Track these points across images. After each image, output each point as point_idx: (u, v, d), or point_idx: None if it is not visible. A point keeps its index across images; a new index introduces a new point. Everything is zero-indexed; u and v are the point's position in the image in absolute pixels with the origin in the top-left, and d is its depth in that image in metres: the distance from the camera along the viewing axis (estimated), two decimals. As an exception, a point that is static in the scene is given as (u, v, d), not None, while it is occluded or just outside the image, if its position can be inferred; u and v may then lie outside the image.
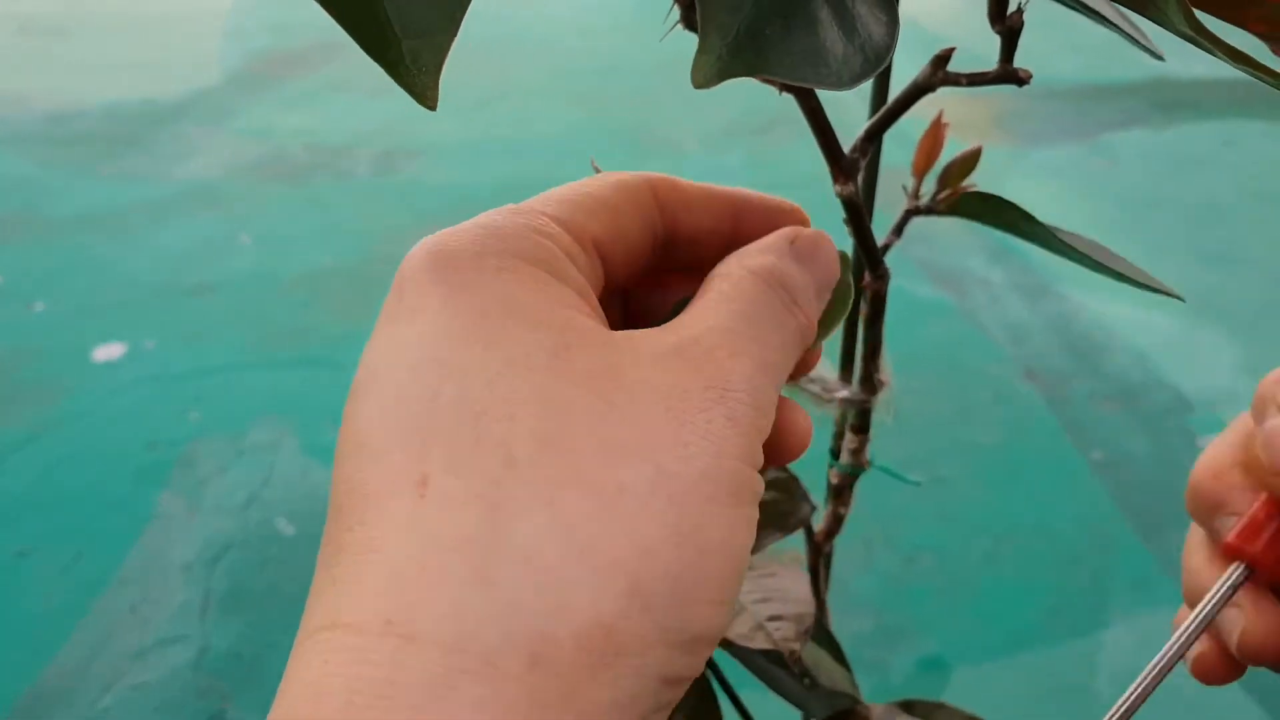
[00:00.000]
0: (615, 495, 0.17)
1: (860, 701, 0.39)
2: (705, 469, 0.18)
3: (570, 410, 0.18)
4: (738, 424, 0.19)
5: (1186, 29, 0.20)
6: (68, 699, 1.03)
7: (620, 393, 0.18)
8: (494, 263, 0.20)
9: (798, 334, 0.22)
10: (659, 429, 0.18)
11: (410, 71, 0.17)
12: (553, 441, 0.18)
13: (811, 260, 0.23)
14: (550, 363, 0.18)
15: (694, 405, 0.19)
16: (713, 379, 0.19)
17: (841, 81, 0.19)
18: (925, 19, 2.87)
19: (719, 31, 0.18)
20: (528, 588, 0.16)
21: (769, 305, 0.21)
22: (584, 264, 0.22)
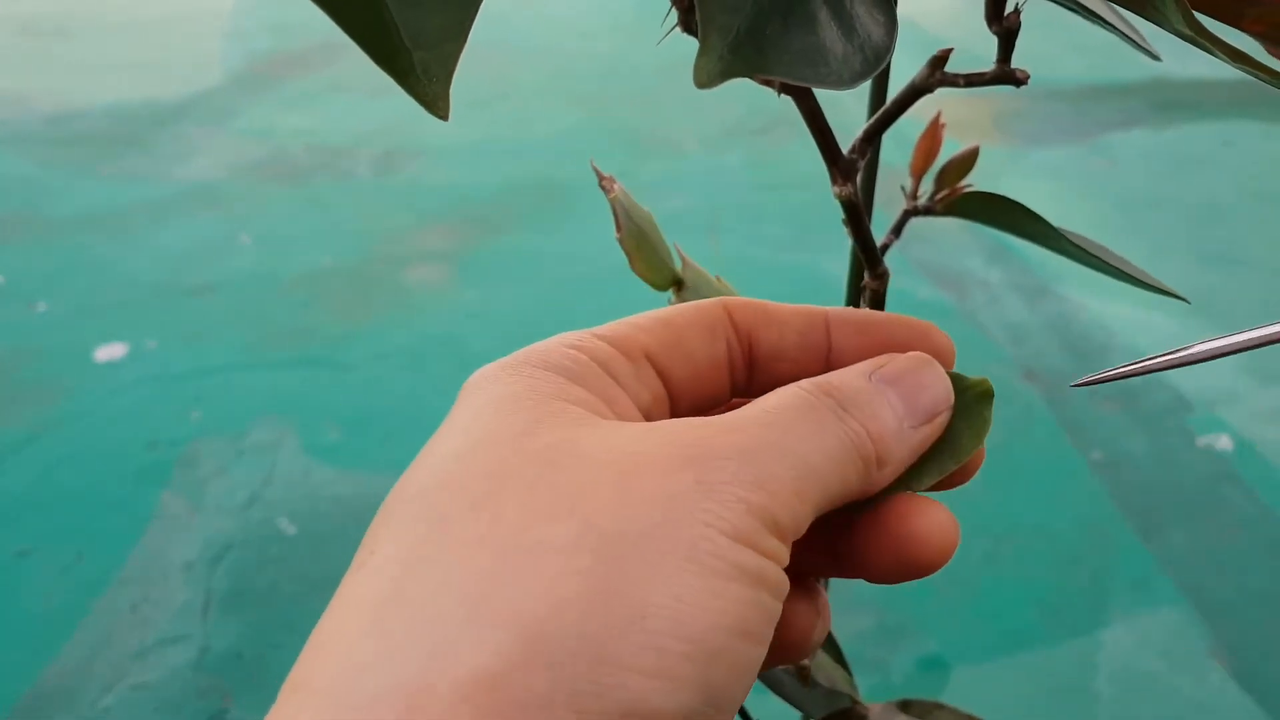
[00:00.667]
0: (528, 550, 0.17)
1: (858, 701, 0.39)
2: (650, 528, 0.17)
3: (511, 477, 0.18)
4: (715, 491, 0.18)
5: (1185, 29, 0.20)
6: (69, 699, 1.03)
7: (570, 459, 0.18)
8: (513, 372, 0.21)
9: (848, 445, 0.20)
10: (598, 489, 0.18)
11: (421, 81, 0.17)
12: (481, 505, 0.18)
13: (899, 384, 0.22)
14: (514, 440, 0.19)
15: (653, 469, 0.18)
16: (686, 445, 0.19)
17: (841, 81, 0.19)
18: (923, 19, 2.87)
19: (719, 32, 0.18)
20: (414, 639, 0.16)
21: (808, 409, 0.20)
22: (625, 371, 0.22)
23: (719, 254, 1.83)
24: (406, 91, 0.17)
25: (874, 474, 0.21)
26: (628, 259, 0.34)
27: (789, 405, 0.20)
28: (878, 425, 0.21)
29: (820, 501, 0.20)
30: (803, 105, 0.27)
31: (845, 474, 0.20)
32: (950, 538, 0.23)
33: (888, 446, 0.21)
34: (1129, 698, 1.05)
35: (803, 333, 0.24)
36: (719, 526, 0.18)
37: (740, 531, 0.18)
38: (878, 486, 0.22)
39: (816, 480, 0.20)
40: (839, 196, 0.30)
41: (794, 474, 0.19)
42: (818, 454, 0.20)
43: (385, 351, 1.56)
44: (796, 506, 0.19)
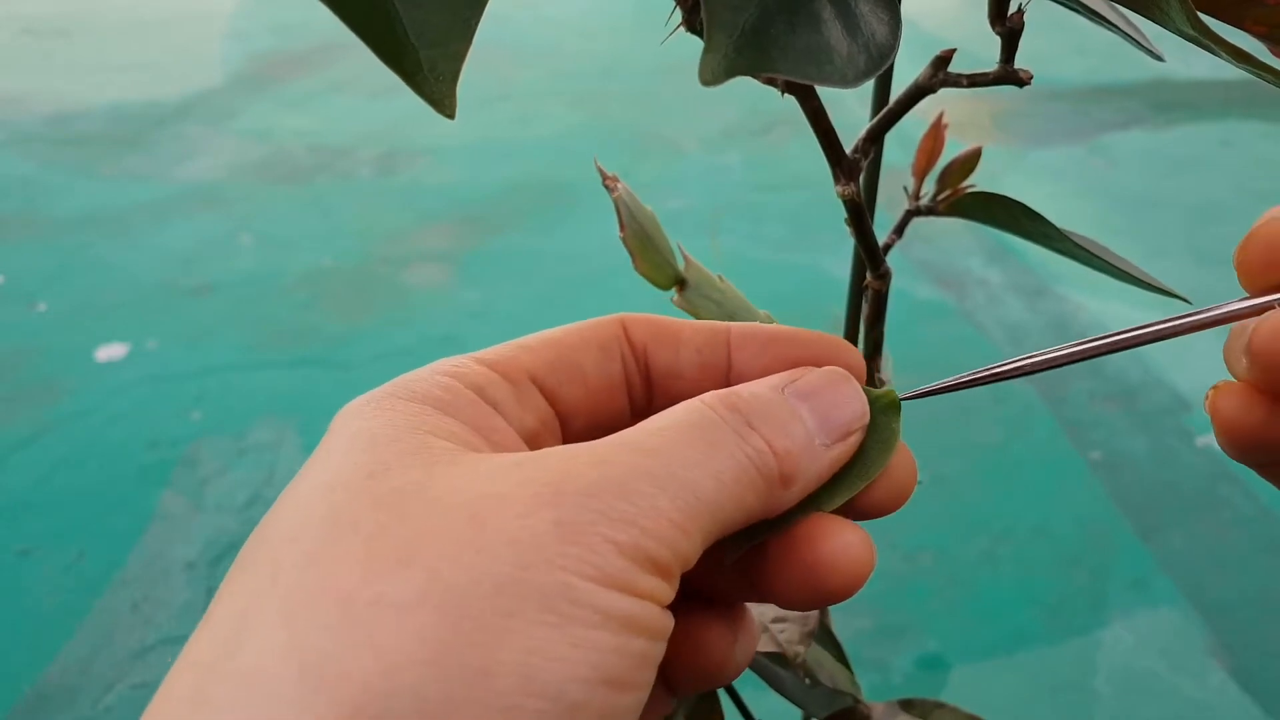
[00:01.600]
0: (364, 608, 0.16)
1: (861, 700, 0.39)
2: (503, 578, 0.16)
3: (352, 526, 0.17)
4: (576, 533, 0.17)
5: (1190, 30, 0.20)
6: (70, 698, 1.03)
7: (418, 503, 0.17)
8: (375, 406, 0.20)
9: (746, 464, 0.19)
10: (447, 536, 0.16)
11: (428, 80, 0.17)
12: (319, 557, 0.17)
13: (813, 398, 0.21)
14: (361, 483, 0.18)
15: (508, 511, 0.17)
16: (547, 482, 0.17)
17: (846, 80, 0.19)
18: (925, 20, 2.88)
19: (725, 30, 0.18)
20: (237, 706, 0.15)
21: (703, 427, 0.19)
22: (505, 396, 0.21)
23: (719, 254, 1.83)
24: (414, 90, 0.17)
25: (778, 493, 0.20)
26: (631, 258, 0.34)
27: (679, 424, 0.19)
28: (786, 441, 0.20)
29: (711, 530, 0.18)
30: (806, 105, 0.27)
31: (742, 497, 0.19)
32: (862, 562, 0.21)
33: (796, 464, 0.20)
34: (1128, 697, 1.05)
35: (701, 349, 0.23)
36: (580, 571, 0.16)
37: (607, 575, 0.17)
38: (783, 506, 0.20)
39: (705, 508, 0.18)
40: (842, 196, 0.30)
41: (676, 504, 0.18)
42: (708, 479, 0.18)
43: (386, 351, 1.56)
44: (679, 540, 0.18)
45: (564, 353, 0.22)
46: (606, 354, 0.23)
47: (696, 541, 0.18)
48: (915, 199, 0.36)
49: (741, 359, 0.23)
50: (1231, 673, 1.07)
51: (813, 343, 0.23)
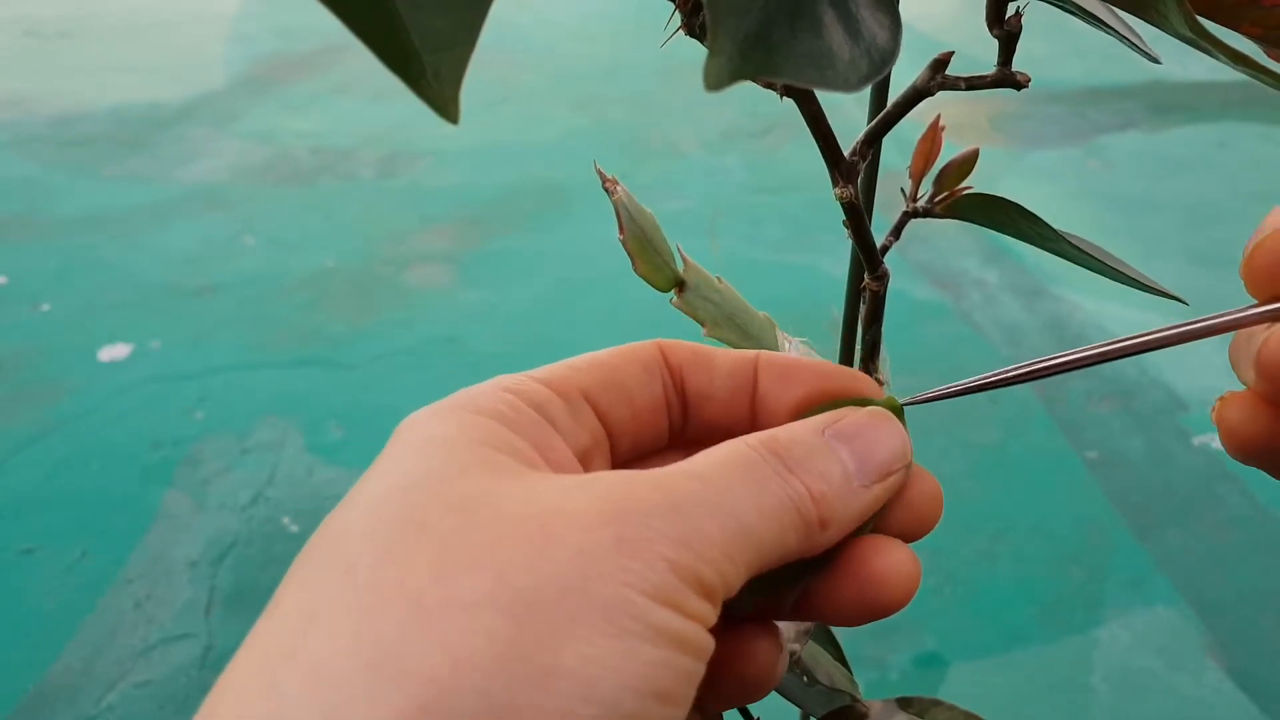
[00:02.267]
0: (435, 605, 0.16)
1: (858, 698, 0.39)
2: (565, 586, 0.17)
3: (425, 527, 0.17)
4: (636, 549, 0.17)
5: (1187, 32, 0.21)
6: (73, 696, 1.03)
7: (489, 511, 0.18)
8: (444, 416, 0.20)
9: (788, 505, 0.20)
10: (516, 543, 0.17)
11: (431, 85, 0.17)
12: (392, 556, 0.17)
13: (853, 441, 0.22)
14: (432, 488, 0.18)
15: (574, 525, 0.17)
16: (611, 501, 0.18)
17: (848, 84, 0.19)
18: (923, 23, 2.88)
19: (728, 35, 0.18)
20: (309, 699, 0.16)
21: (749, 466, 0.20)
22: (561, 414, 0.22)
23: (718, 255, 1.83)
24: (418, 95, 0.17)
25: (816, 535, 0.20)
26: (630, 260, 0.34)
27: (729, 461, 0.20)
28: (822, 485, 0.20)
29: (754, 562, 0.19)
30: (805, 108, 0.27)
31: (783, 535, 0.20)
32: (910, 578, 0.22)
33: (832, 507, 0.20)
34: (1125, 695, 1.05)
35: (732, 374, 0.24)
36: (638, 587, 0.17)
37: (661, 592, 0.17)
38: (821, 547, 0.21)
39: (750, 541, 0.19)
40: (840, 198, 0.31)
41: (725, 533, 0.18)
42: (753, 513, 0.19)
43: (387, 351, 1.56)
44: (725, 567, 0.18)
45: (610, 374, 0.23)
46: (650, 375, 0.23)
47: (740, 571, 0.19)
48: (913, 201, 0.36)
49: (766, 383, 0.24)
50: (1228, 671, 1.07)
51: (831, 375, 0.24)
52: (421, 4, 0.17)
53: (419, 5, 0.17)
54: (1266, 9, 0.23)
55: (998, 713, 1.03)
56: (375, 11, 0.17)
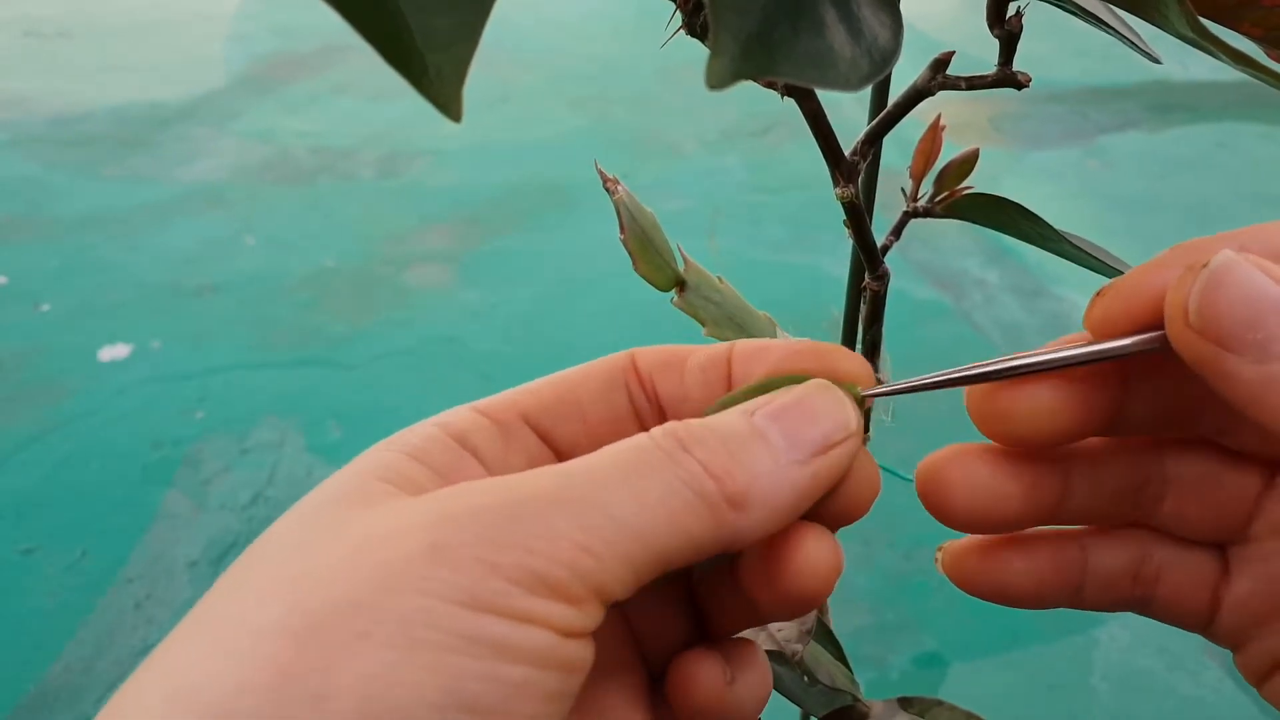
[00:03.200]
0: (232, 634, 0.16)
1: (859, 698, 0.39)
2: (360, 602, 0.16)
3: (266, 559, 0.18)
4: (448, 555, 0.16)
5: (1189, 32, 0.21)
6: (73, 696, 1.04)
7: (323, 540, 0.18)
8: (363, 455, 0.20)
9: (680, 487, 0.18)
10: (330, 566, 0.17)
11: (434, 84, 0.17)
12: (235, 587, 0.17)
13: (782, 417, 0.20)
14: (296, 522, 0.19)
15: (388, 539, 0.17)
16: (437, 509, 0.17)
17: (849, 84, 0.19)
18: (923, 23, 2.88)
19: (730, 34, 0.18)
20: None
21: (631, 454, 0.19)
22: (487, 440, 0.21)
23: (718, 255, 1.83)
24: (421, 94, 0.17)
25: (729, 518, 0.19)
26: (631, 260, 0.34)
27: (611, 452, 0.19)
28: (728, 463, 0.19)
29: (644, 555, 0.18)
30: (806, 108, 0.27)
31: (680, 522, 0.18)
32: (828, 568, 0.20)
33: (749, 487, 0.19)
34: (1125, 694, 1.05)
35: (704, 369, 0.23)
36: (444, 594, 0.16)
37: (477, 598, 0.16)
38: (750, 532, 0.19)
39: (627, 532, 0.17)
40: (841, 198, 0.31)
41: (581, 525, 0.17)
42: (627, 501, 0.18)
43: (387, 351, 1.56)
44: (586, 563, 0.17)
45: (564, 391, 0.22)
46: (609, 386, 0.23)
47: (617, 569, 0.17)
48: (913, 200, 0.36)
49: (740, 374, 0.22)
50: (1227, 670, 1.07)
51: (807, 352, 0.22)
52: (424, 4, 0.17)
53: (422, 5, 0.17)
54: (1267, 9, 0.23)
55: (998, 713, 1.03)
56: (379, 11, 0.17)
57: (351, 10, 0.16)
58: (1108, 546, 0.23)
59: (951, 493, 0.22)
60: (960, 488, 0.22)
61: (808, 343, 0.22)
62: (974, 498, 0.21)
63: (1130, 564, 0.22)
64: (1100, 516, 0.23)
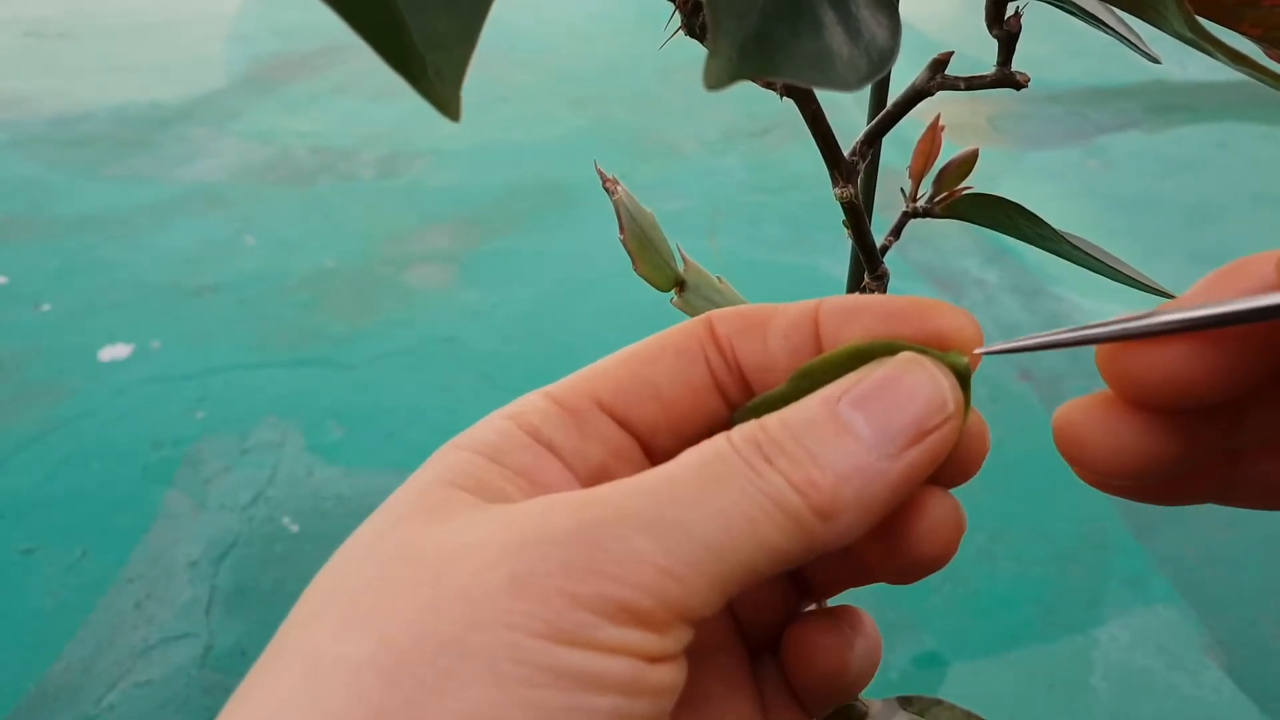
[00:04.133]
0: (326, 668, 0.16)
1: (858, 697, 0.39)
2: (446, 637, 0.16)
3: (346, 582, 0.17)
4: (528, 586, 0.16)
5: (1187, 32, 0.21)
6: (73, 695, 1.04)
7: (404, 561, 0.17)
8: (438, 456, 0.20)
9: (763, 500, 0.17)
10: (410, 594, 0.16)
11: (433, 84, 0.17)
12: (317, 615, 0.17)
13: (868, 404, 0.18)
14: (371, 541, 0.18)
15: (467, 567, 0.16)
16: (519, 531, 0.17)
17: (847, 84, 0.19)
18: (923, 23, 2.88)
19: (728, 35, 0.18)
20: None
21: (709, 466, 0.17)
22: (562, 432, 0.20)
23: (718, 255, 1.83)
24: (420, 93, 0.17)
25: (819, 530, 0.17)
26: (631, 260, 0.34)
27: (688, 463, 0.18)
28: (812, 471, 0.17)
29: (727, 574, 0.17)
30: (805, 108, 0.28)
31: (764, 537, 0.17)
32: (950, 530, 0.19)
33: (834, 494, 0.17)
34: (1125, 694, 1.05)
35: (788, 334, 0.21)
36: (528, 628, 0.16)
37: (559, 630, 0.16)
38: (842, 539, 0.18)
39: (707, 551, 0.17)
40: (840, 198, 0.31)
41: (663, 547, 0.16)
42: (708, 519, 0.17)
43: (387, 351, 1.56)
44: (668, 586, 0.16)
45: (636, 369, 0.21)
46: (685, 359, 0.21)
47: (701, 589, 0.17)
48: (912, 201, 0.36)
49: (830, 338, 0.20)
50: (1227, 670, 1.07)
51: (904, 312, 0.20)
52: (423, 4, 0.17)
53: (420, 5, 0.17)
54: (1266, 9, 0.23)
55: (998, 712, 1.04)
56: (377, 11, 0.17)
57: (350, 10, 0.16)
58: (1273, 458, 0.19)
59: (1093, 452, 0.19)
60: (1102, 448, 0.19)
61: (905, 300, 0.20)
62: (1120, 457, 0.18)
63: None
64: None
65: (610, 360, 0.21)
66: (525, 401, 0.20)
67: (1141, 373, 0.17)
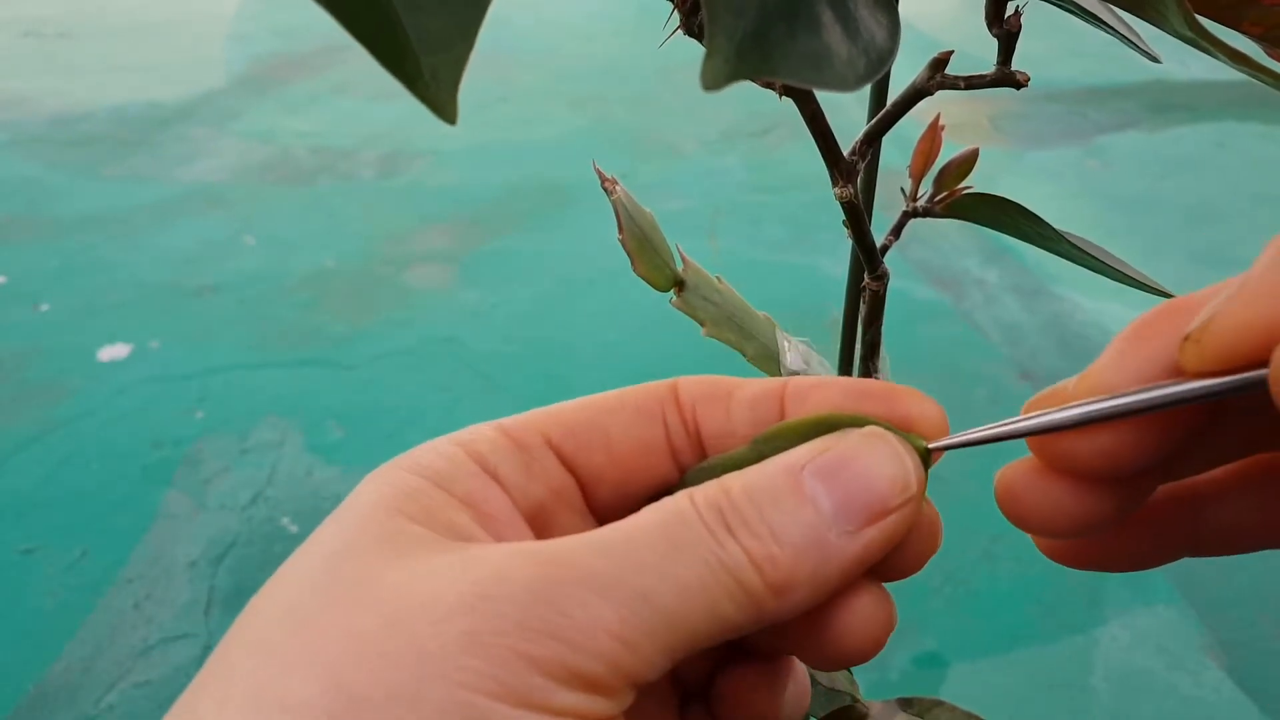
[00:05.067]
0: (269, 707, 0.16)
1: (859, 699, 0.39)
2: (398, 689, 0.15)
3: (288, 618, 0.17)
4: (483, 644, 0.16)
5: (1187, 31, 0.21)
6: (72, 696, 1.04)
7: (356, 600, 0.17)
8: (381, 475, 0.19)
9: (720, 571, 0.17)
10: (365, 639, 0.16)
11: (429, 86, 0.17)
12: (253, 649, 0.16)
13: (832, 478, 0.18)
14: (319, 571, 0.17)
15: (424, 618, 0.16)
16: (479, 584, 0.16)
17: (846, 83, 0.19)
18: (922, 22, 2.88)
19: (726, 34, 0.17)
20: None
21: (671, 529, 0.17)
22: (509, 465, 0.20)
23: (718, 255, 1.83)
24: (415, 96, 0.17)
25: (769, 604, 0.17)
26: (630, 260, 0.34)
27: (650, 522, 0.17)
28: (770, 547, 0.17)
29: (675, 642, 0.17)
30: (804, 108, 0.27)
31: (715, 608, 0.17)
32: (878, 628, 0.19)
33: (789, 570, 0.17)
34: (1125, 694, 1.05)
35: (755, 405, 0.21)
36: (482, 688, 0.15)
37: (515, 692, 0.16)
38: (790, 613, 0.18)
39: (661, 619, 0.17)
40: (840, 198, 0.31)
41: (620, 614, 0.16)
42: (665, 587, 0.17)
43: (387, 351, 1.56)
44: (620, 654, 0.16)
45: (594, 416, 0.21)
46: (642, 417, 0.21)
47: (648, 654, 0.17)
48: (912, 200, 0.36)
49: (794, 414, 0.20)
50: (1227, 670, 1.07)
51: (870, 390, 0.20)
52: (419, 4, 0.17)
53: (416, 6, 0.17)
54: (1266, 7, 0.23)
55: (998, 713, 1.04)
56: (372, 12, 0.17)
57: (344, 12, 0.16)
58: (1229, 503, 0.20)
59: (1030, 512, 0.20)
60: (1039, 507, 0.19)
61: (872, 383, 0.20)
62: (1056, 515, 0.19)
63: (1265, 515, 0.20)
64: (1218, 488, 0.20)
65: (569, 403, 0.21)
66: (475, 430, 0.20)
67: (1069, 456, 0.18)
